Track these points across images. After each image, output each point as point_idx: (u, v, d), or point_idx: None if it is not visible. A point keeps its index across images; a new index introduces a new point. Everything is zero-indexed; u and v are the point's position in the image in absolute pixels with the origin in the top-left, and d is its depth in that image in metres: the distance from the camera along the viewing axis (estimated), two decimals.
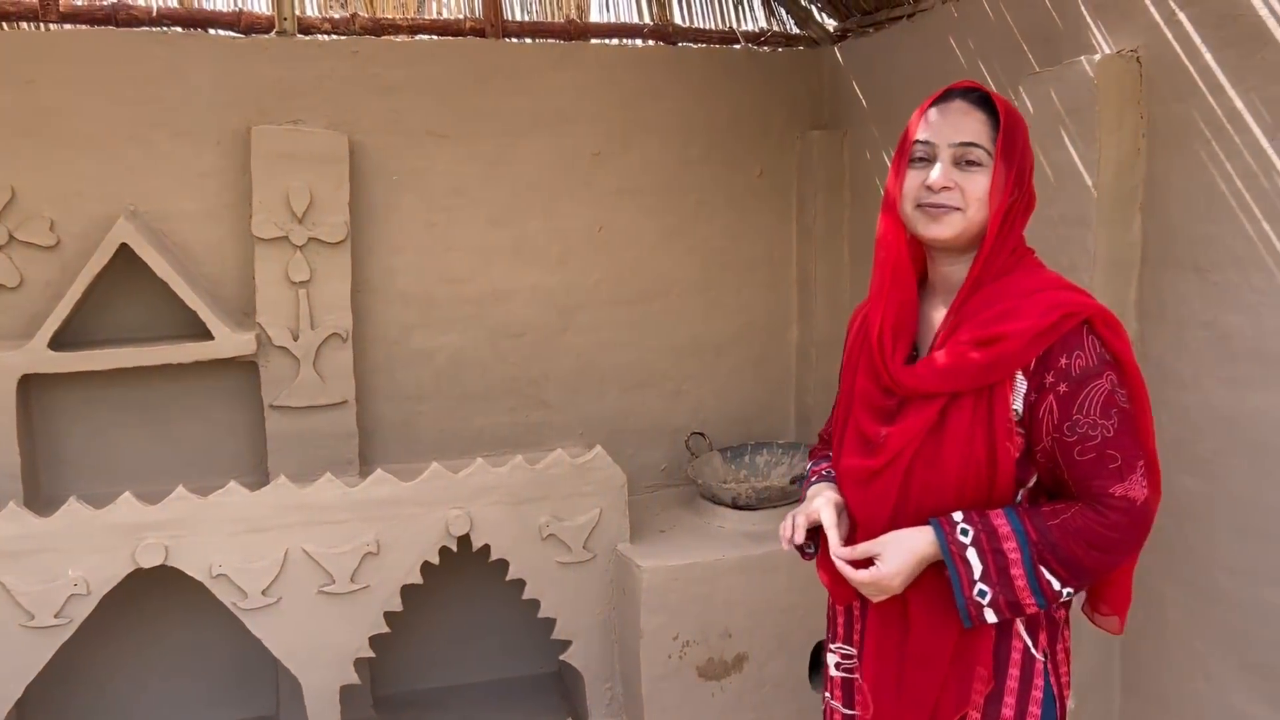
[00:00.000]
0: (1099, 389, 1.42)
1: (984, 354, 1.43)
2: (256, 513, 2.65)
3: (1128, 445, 1.44)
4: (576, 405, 3.42)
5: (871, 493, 1.54)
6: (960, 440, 1.46)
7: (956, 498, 1.48)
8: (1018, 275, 1.50)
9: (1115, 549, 1.44)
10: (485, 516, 2.84)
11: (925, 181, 1.49)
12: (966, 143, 1.47)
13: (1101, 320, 1.45)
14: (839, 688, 1.69)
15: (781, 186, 3.54)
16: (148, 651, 3.08)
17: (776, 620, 2.96)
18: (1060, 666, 1.55)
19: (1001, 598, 1.43)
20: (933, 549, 1.47)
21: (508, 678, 3.41)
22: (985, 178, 1.47)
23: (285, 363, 2.99)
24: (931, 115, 1.52)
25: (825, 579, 1.66)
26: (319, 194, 2.95)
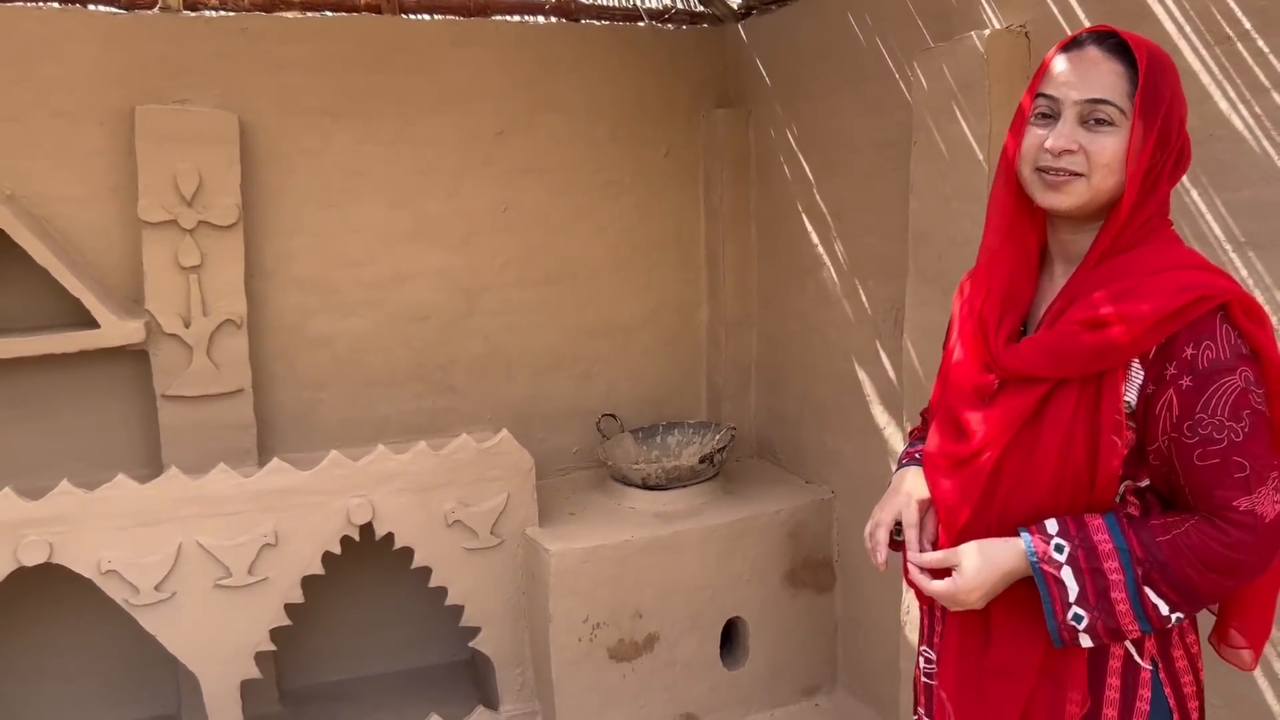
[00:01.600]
0: (1230, 386, 1.22)
1: (1095, 337, 1.24)
2: (147, 506, 2.56)
3: (1259, 453, 1.23)
4: (485, 390, 3.38)
5: (955, 483, 1.36)
6: (1060, 433, 1.28)
7: (1051, 496, 1.30)
8: (1146, 250, 1.28)
9: (1236, 572, 1.24)
10: (388, 504, 2.79)
11: (1044, 143, 1.28)
12: (1095, 99, 1.26)
13: (1240, 307, 1.24)
14: (924, 694, 1.51)
15: (688, 165, 3.53)
16: (39, 653, 2.96)
17: (687, 599, 2.96)
18: (1181, 676, 1.33)
19: (1100, 623, 1.25)
20: (1021, 565, 1.29)
21: (418, 667, 3.37)
22: (1117, 139, 1.26)
23: (177, 351, 2.89)
24: (1057, 65, 1.30)
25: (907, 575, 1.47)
26: (208, 176, 2.85)
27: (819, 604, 3.15)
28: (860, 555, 3.04)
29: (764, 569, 3.05)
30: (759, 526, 3.03)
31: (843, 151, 2.97)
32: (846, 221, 2.98)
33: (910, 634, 2.59)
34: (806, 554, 3.11)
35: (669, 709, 2.99)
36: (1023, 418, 1.30)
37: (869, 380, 2.92)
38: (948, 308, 2.37)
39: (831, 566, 3.16)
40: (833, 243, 3.04)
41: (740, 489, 3.25)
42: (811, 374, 3.21)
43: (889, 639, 2.81)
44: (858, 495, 3.02)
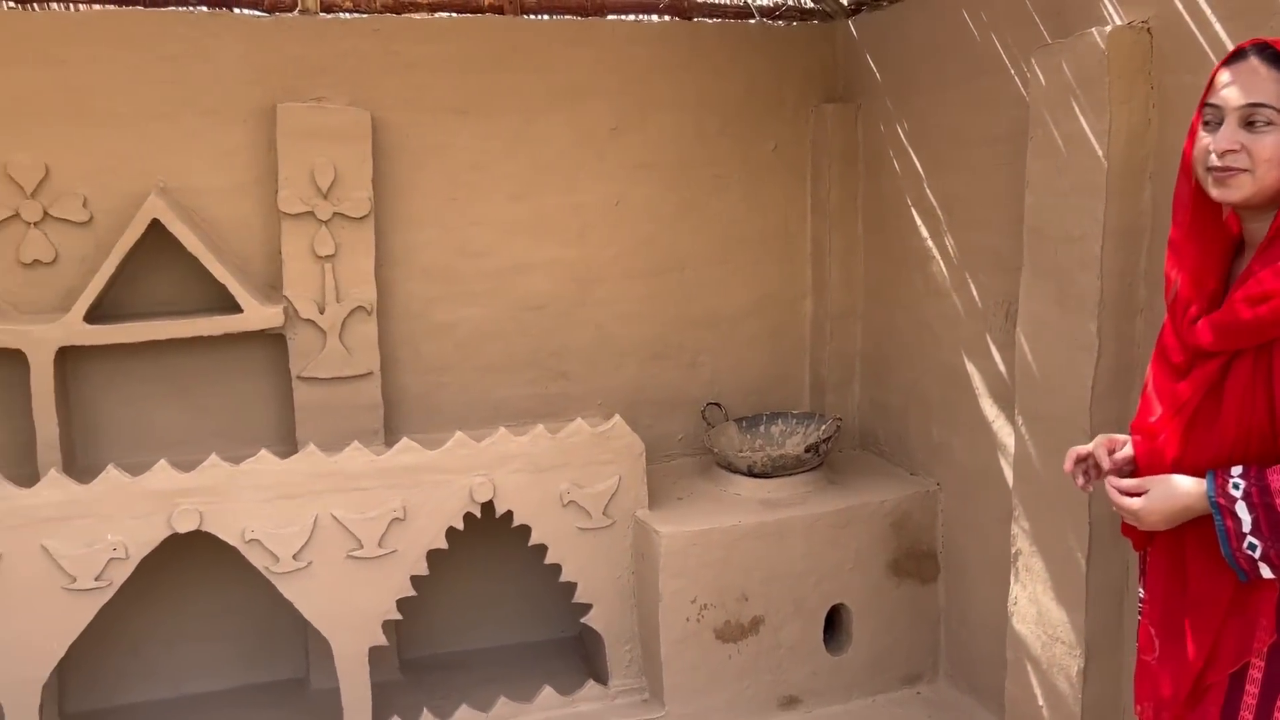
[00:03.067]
0: None
1: (1253, 312, 1.43)
2: (287, 480, 2.73)
3: None
4: (595, 377, 3.49)
5: (1153, 447, 1.57)
6: (1238, 399, 1.47)
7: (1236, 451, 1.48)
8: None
9: None
10: (508, 484, 2.92)
11: (1210, 146, 1.49)
12: (1254, 103, 1.45)
13: None
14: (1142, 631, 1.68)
15: (796, 160, 3.59)
16: (182, 615, 3.18)
17: (792, 585, 3.03)
18: None
19: (1274, 551, 1.42)
20: (1198, 499, 1.48)
21: (530, 641, 3.51)
22: (1276, 137, 1.44)
23: (312, 335, 3.06)
24: (1221, 76, 1.50)
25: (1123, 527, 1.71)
26: (343, 170, 3.01)
27: (922, 594, 3.19)
28: (966, 547, 3.07)
29: (868, 558, 3.11)
30: (864, 516, 3.09)
31: (954, 146, 3.00)
32: (957, 215, 3.01)
33: (1018, 625, 2.62)
34: (911, 545, 3.16)
35: (772, 691, 3.07)
36: (1205, 388, 1.50)
37: (978, 373, 2.95)
38: (1063, 302, 2.41)
39: (935, 558, 3.20)
40: (943, 236, 3.07)
41: (844, 479, 3.30)
42: (918, 366, 3.25)
43: (994, 630, 2.84)
44: (965, 488, 3.05)
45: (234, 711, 3.11)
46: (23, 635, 2.62)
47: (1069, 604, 2.46)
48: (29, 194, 2.89)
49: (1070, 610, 2.46)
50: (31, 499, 2.60)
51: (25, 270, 2.93)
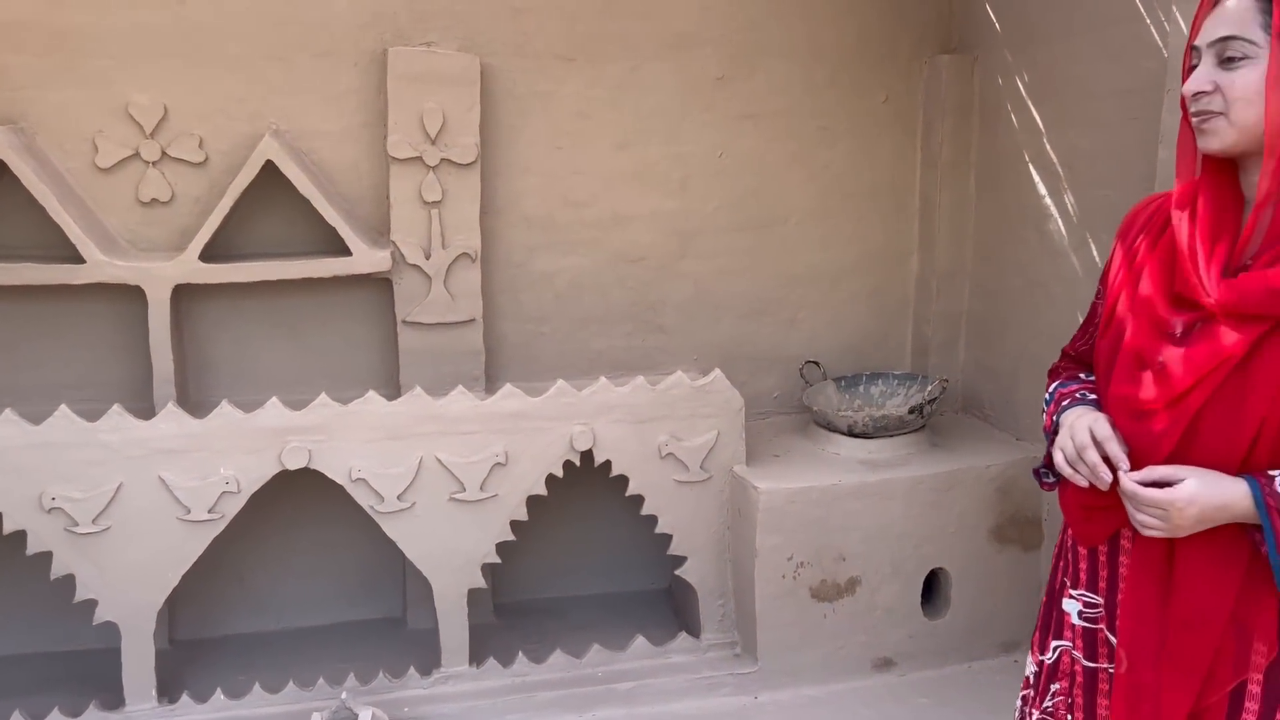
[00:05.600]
0: None
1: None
2: (393, 421, 2.77)
3: None
4: (692, 331, 3.46)
5: (1151, 427, 1.36)
6: (1274, 378, 1.27)
7: (1255, 446, 1.29)
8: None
9: None
10: (607, 433, 2.91)
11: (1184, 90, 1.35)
12: (1222, 37, 1.31)
13: None
14: (1080, 637, 1.53)
15: (907, 113, 3.49)
16: (288, 550, 3.26)
17: (891, 547, 2.99)
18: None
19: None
20: (1240, 499, 1.28)
21: (621, 591, 3.53)
22: (1252, 70, 1.28)
23: (417, 280, 3.09)
24: (1202, 16, 1.37)
25: (1068, 512, 1.51)
26: (451, 115, 3.01)
27: (1024, 561, 3.12)
28: None
29: (970, 523, 3.05)
30: (968, 480, 3.02)
31: (1079, 99, 2.87)
32: (1079, 172, 2.90)
33: None
34: (1015, 511, 3.08)
35: (867, 652, 3.04)
36: (1234, 359, 1.28)
37: None
38: None
39: (1040, 525, 3.12)
40: (1062, 194, 2.96)
41: (947, 442, 3.23)
42: (1030, 329, 3.15)
43: None
44: None
45: (334, 646, 3.19)
46: (140, 562, 2.71)
47: None
48: (148, 134, 2.94)
49: None
50: (149, 431, 2.68)
51: (143, 209, 3.00)
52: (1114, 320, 1.47)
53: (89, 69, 2.89)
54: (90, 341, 3.05)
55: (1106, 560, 1.47)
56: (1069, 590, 1.55)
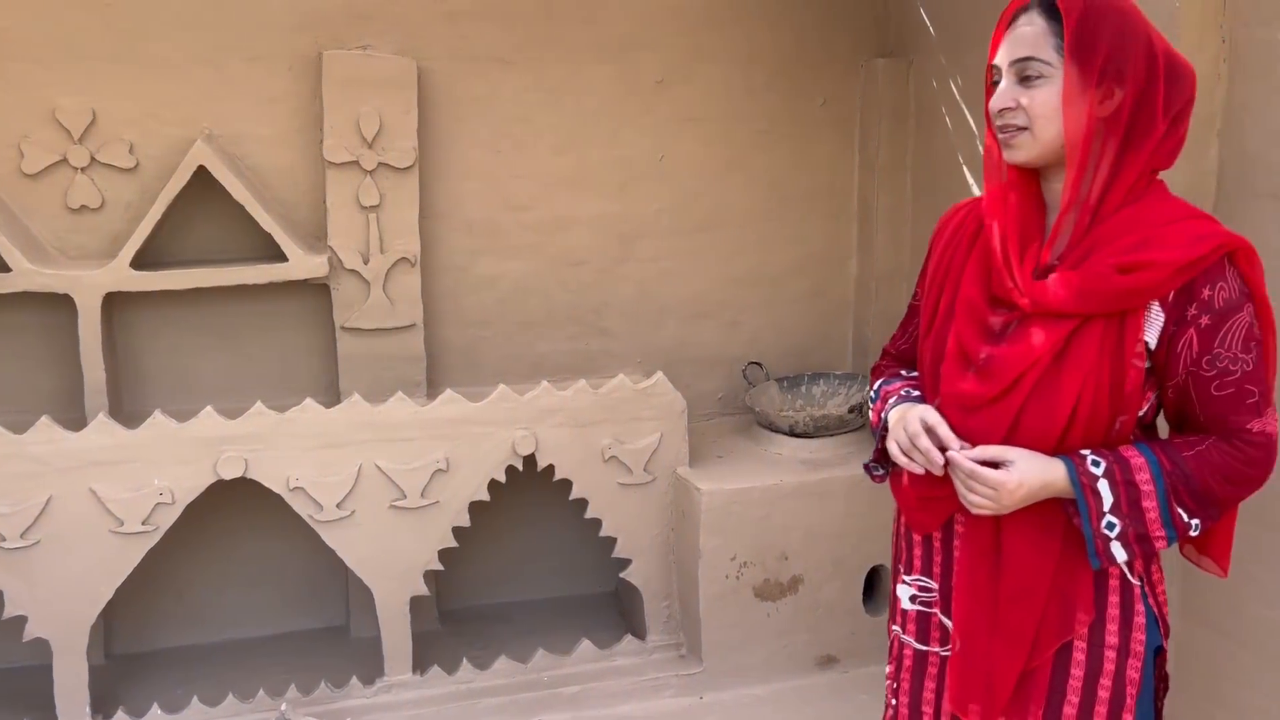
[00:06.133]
0: (1240, 323, 1.38)
1: (1129, 280, 1.36)
2: (331, 429, 2.74)
3: (1262, 381, 1.40)
4: (635, 334, 3.47)
5: (981, 420, 1.46)
6: (1084, 368, 1.39)
7: (1069, 429, 1.41)
8: (1149, 201, 1.42)
9: (1248, 484, 1.41)
10: (550, 438, 2.91)
11: (990, 106, 1.45)
12: (1021, 58, 1.40)
13: (1244, 254, 1.40)
14: (913, 622, 1.62)
15: (844, 117, 3.53)
16: (226, 561, 3.21)
17: (832, 545, 3.02)
18: (1156, 587, 1.52)
19: (1131, 530, 1.39)
20: (1061, 480, 1.40)
21: (567, 596, 3.52)
22: (1049, 89, 1.38)
23: (356, 286, 3.06)
24: (1000, 36, 1.46)
25: (903, 503, 1.59)
26: (388, 119, 2.99)
27: None
28: None
29: None
30: None
31: None
32: None
33: None
34: None
35: (810, 650, 3.07)
36: (1049, 355, 1.40)
37: None
38: None
39: None
40: None
41: None
42: None
43: None
44: None
45: (276, 657, 3.14)
46: (72, 576, 2.66)
47: None
48: (76, 139, 2.89)
49: None
50: (80, 442, 2.63)
51: (72, 216, 2.93)
52: (936, 320, 1.56)
53: (13, 72, 2.83)
54: (18, 352, 2.98)
55: (940, 546, 1.56)
56: (902, 576, 1.64)
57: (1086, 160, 1.38)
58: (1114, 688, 1.46)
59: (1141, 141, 1.39)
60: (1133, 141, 1.39)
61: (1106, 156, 1.39)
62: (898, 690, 1.66)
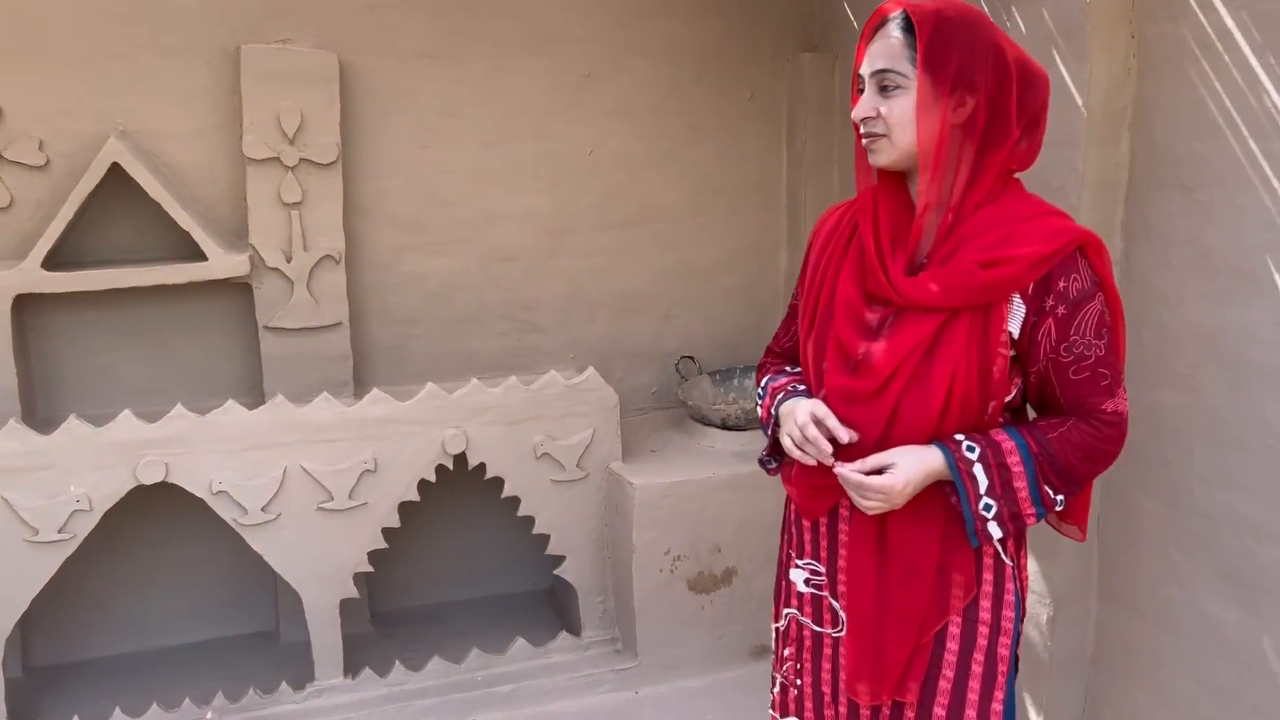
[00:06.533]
0: (1092, 311, 1.48)
1: (991, 274, 1.45)
2: (255, 431, 2.69)
3: (1114, 364, 1.51)
4: (567, 329, 3.46)
5: (863, 412, 1.53)
6: (952, 359, 1.47)
7: (943, 416, 1.49)
8: (1008, 201, 1.51)
9: (1104, 460, 1.52)
10: (481, 436, 2.89)
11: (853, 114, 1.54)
12: (879, 70, 1.48)
13: (1092, 246, 1.50)
14: (809, 604, 1.69)
15: (772, 110, 3.55)
16: (149, 568, 3.13)
17: (764, 536, 3.04)
18: (1022, 571, 1.63)
19: (1005, 510, 1.49)
20: (940, 465, 1.48)
21: (502, 594, 3.50)
22: (905, 99, 1.46)
23: (279, 284, 3.00)
24: (863, 47, 1.53)
25: (796, 492, 1.66)
26: (310, 114, 2.93)
27: None
28: None
29: None
30: None
31: None
32: None
33: None
34: None
35: (744, 640, 3.09)
36: (922, 347, 1.48)
37: None
38: None
39: None
40: None
41: None
42: None
43: None
44: None
45: (202, 665, 3.08)
46: None
47: (1039, 554, 2.48)
48: None
49: (1041, 560, 2.49)
50: None
51: None
52: (817, 319, 1.62)
53: None
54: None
55: (827, 530, 1.63)
56: (795, 561, 1.71)
57: (941, 165, 1.46)
58: (986, 663, 1.55)
59: (997, 146, 1.47)
60: (989, 146, 1.47)
61: (965, 160, 1.47)
62: (800, 671, 1.72)
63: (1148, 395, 2.31)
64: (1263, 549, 2.08)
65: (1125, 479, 2.39)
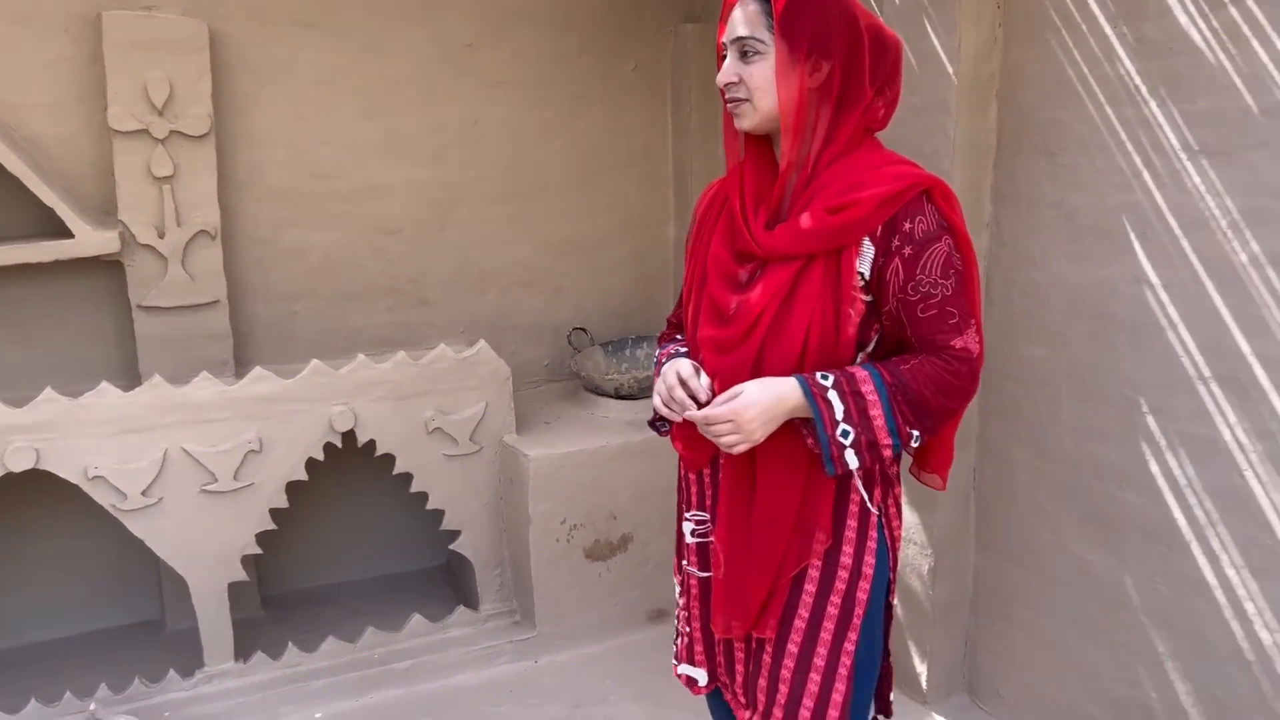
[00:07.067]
0: (938, 251, 1.54)
1: (838, 218, 1.52)
2: (131, 413, 2.59)
3: (963, 305, 1.57)
4: (457, 303, 3.42)
5: (730, 360, 1.60)
6: (810, 303, 1.54)
7: (803, 356, 1.56)
8: (861, 154, 1.58)
9: (955, 395, 1.57)
10: (370, 412, 2.84)
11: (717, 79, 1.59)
12: (739, 37, 1.54)
13: (939, 191, 1.56)
14: (694, 553, 1.76)
15: (656, 81, 3.56)
16: (22, 559, 3.00)
17: (660, 502, 3.08)
18: (893, 520, 1.68)
19: (863, 438, 1.52)
20: (794, 393, 1.52)
21: (397, 573, 3.47)
22: (764, 64, 1.53)
23: (152, 262, 2.89)
24: (726, 15, 1.59)
25: (680, 447, 1.73)
26: (179, 85, 2.82)
27: None
28: None
29: None
30: None
31: None
32: None
33: None
34: None
35: (641, 606, 3.13)
36: (780, 294, 1.55)
37: None
38: None
39: None
40: None
41: None
42: None
43: None
44: None
45: (84, 658, 2.97)
46: None
47: (921, 508, 2.58)
48: None
49: (921, 512, 2.59)
50: None
51: None
52: (695, 284, 1.70)
53: None
54: None
55: (710, 481, 1.70)
56: (684, 513, 1.79)
57: (801, 126, 1.54)
58: (843, 606, 1.61)
59: (852, 107, 1.55)
60: (844, 107, 1.55)
61: (822, 121, 1.55)
62: (690, 618, 1.79)
63: (1019, 352, 2.42)
64: (1123, 493, 2.21)
65: (1000, 433, 2.51)
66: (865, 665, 1.64)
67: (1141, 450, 2.16)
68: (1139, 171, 2.10)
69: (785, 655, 1.62)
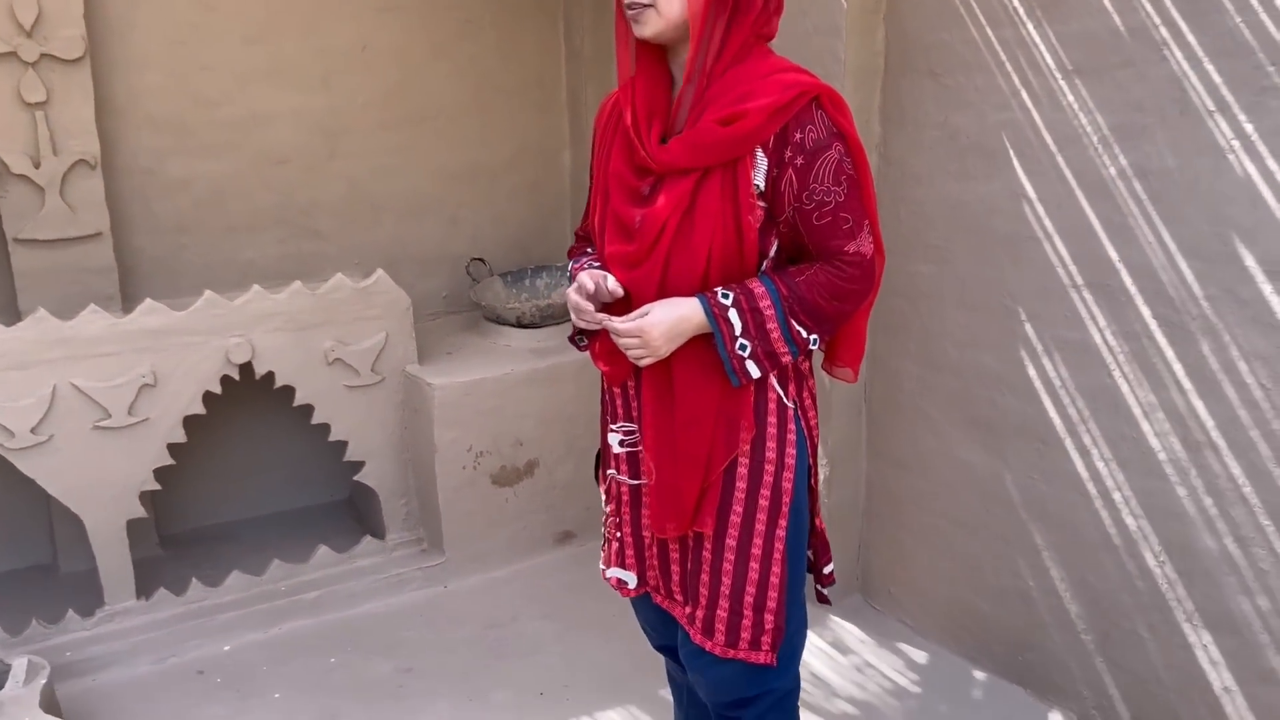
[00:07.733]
0: (829, 159, 1.57)
1: (730, 130, 1.54)
2: (15, 349, 2.50)
3: (856, 209, 1.61)
4: (350, 234, 3.37)
5: (638, 275, 1.64)
6: (711, 215, 1.58)
7: (708, 268, 1.60)
8: (751, 62, 1.59)
9: (850, 298, 1.64)
10: (267, 344, 2.80)
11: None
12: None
13: (828, 98, 1.59)
14: (624, 462, 1.80)
15: (548, 6, 3.53)
16: None
17: (564, 427, 3.13)
18: (808, 411, 1.76)
19: (760, 349, 1.61)
20: (696, 312, 1.60)
21: (300, 507, 3.44)
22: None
23: (28, 193, 2.76)
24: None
25: (602, 365, 1.77)
26: (48, 5, 2.68)
27: None
28: None
29: None
30: None
31: None
32: None
33: None
34: None
35: (549, 528, 3.19)
36: (680, 207, 1.59)
37: None
38: None
39: None
40: None
41: None
42: None
43: None
44: None
45: None
46: None
47: None
48: None
49: None
50: None
51: None
52: (599, 198, 1.74)
53: None
54: None
55: (635, 393, 1.75)
56: (610, 426, 1.83)
57: (705, 33, 1.55)
58: (772, 496, 1.69)
59: (745, 14, 1.57)
60: (738, 15, 1.57)
61: (718, 30, 1.56)
62: (620, 524, 1.85)
63: (906, 268, 2.53)
64: (1003, 397, 2.36)
65: (889, 347, 2.63)
66: (795, 546, 1.72)
67: (1020, 356, 2.30)
68: (1017, 90, 2.21)
69: (725, 549, 1.69)
